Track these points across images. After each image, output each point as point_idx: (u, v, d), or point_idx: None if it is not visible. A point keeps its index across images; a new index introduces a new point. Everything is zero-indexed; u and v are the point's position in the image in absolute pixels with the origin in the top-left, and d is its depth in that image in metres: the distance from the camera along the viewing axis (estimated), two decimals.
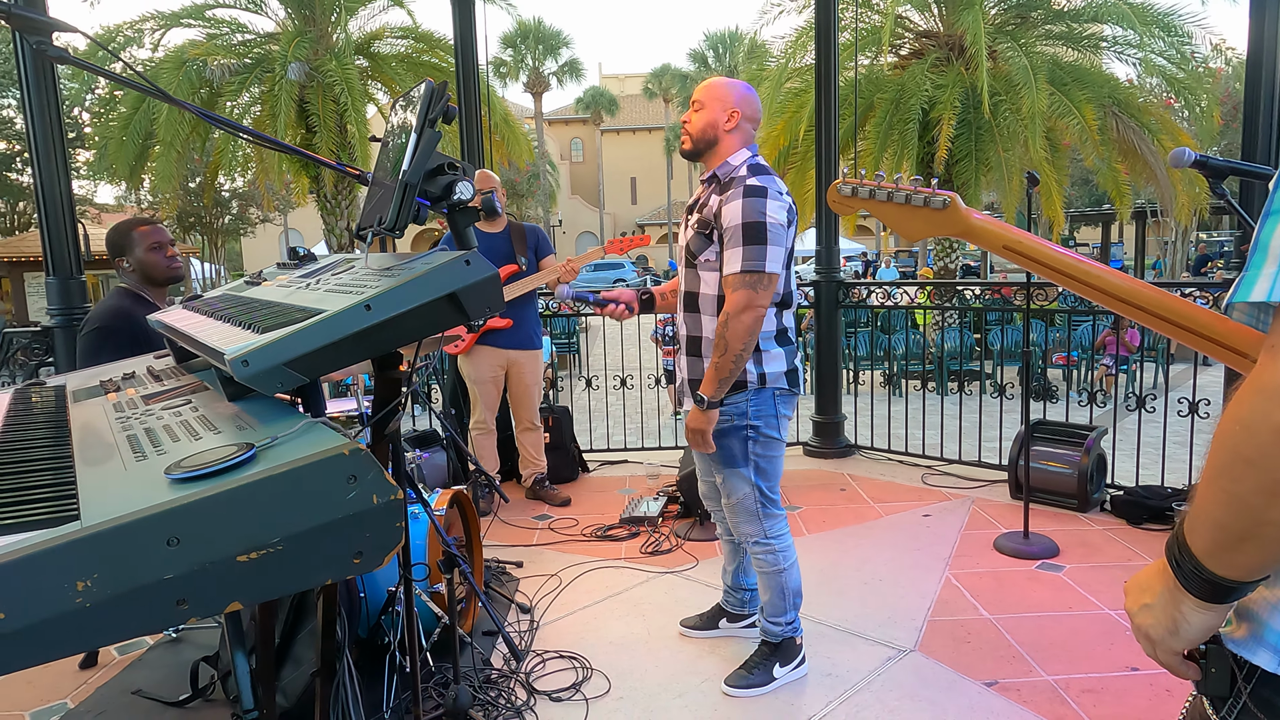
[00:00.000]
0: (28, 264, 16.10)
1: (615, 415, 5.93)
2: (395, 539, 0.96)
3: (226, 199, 24.76)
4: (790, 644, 2.54)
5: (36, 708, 2.52)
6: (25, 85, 3.31)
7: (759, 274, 2.25)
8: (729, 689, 2.48)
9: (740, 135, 2.40)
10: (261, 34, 12.24)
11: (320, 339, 1.10)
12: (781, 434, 2.46)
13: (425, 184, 1.35)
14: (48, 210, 3.39)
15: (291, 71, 10.06)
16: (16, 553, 0.77)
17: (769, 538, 2.50)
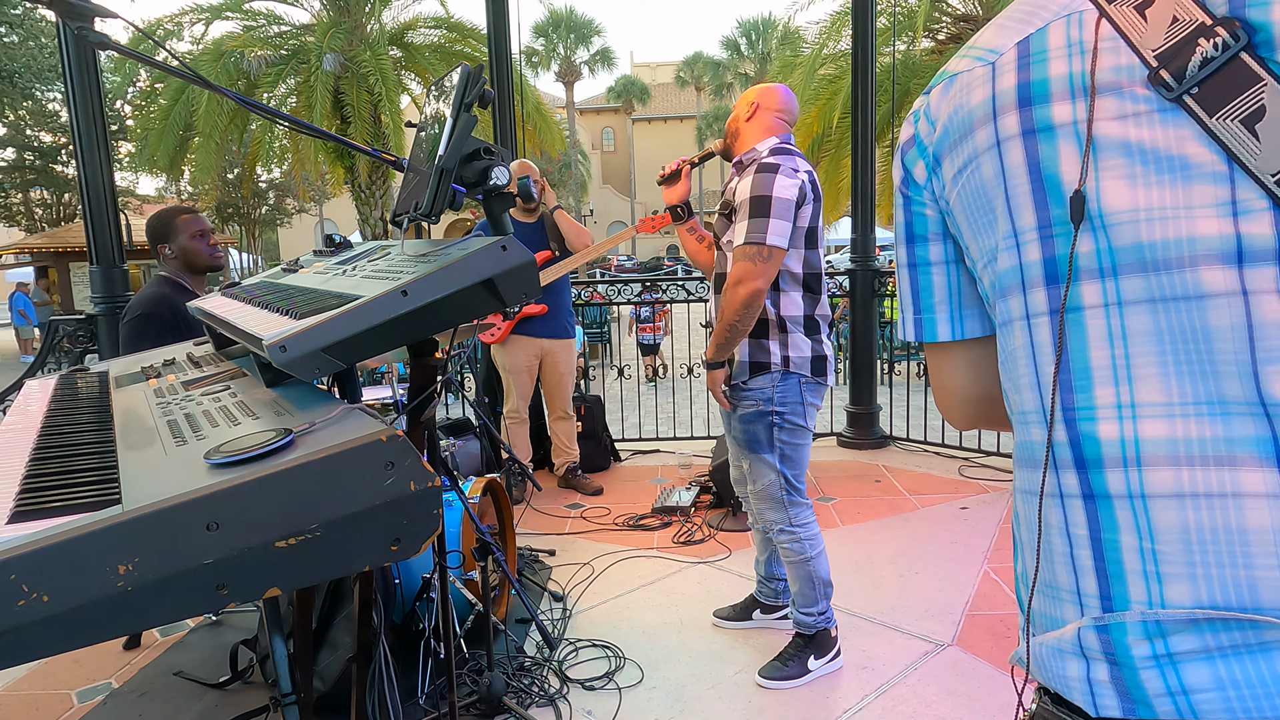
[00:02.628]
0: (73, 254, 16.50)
1: (647, 404, 5.92)
2: (432, 526, 0.95)
3: (264, 190, 25.13)
4: (825, 636, 2.52)
5: (82, 686, 2.57)
6: (69, 77, 3.36)
7: (759, 246, 2.27)
8: (763, 680, 2.47)
9: (759, 125, 2.44)
10: (297, 25, 12.37)
11: (357, 325, 1.09)
12: (808, 422, 2.44)
13: (461, 169, 1.34)
14: (91, 201, 3.45)
15: (327, 62, 10.15)
16: (60, 536, 0.77)
17: (793, 525, 2.48)
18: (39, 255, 18.57)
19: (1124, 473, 0.64)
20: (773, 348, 2.38)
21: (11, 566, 0.74)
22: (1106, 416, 0.65)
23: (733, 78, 39.69)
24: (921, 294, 0.84)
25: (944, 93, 0.78)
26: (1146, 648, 0.62)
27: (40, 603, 0.75)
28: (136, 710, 2.43)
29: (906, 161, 0.83)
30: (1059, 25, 0.68)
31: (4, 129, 18.78)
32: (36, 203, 22.55)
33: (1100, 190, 0.65)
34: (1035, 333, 0.70)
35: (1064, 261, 0.67)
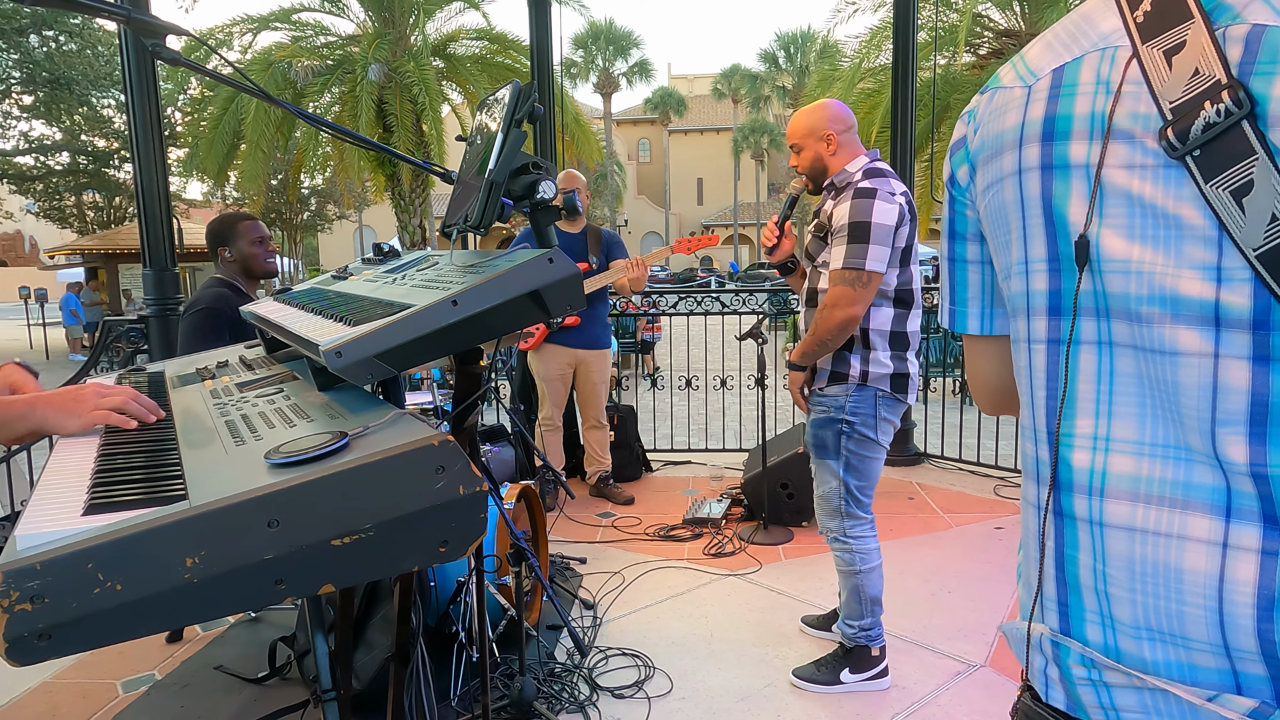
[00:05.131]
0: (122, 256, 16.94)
1: (679, 415, 5.93)
2: (479, 530, 0.98)
3: (306, 196, 25.63)
4: (863, 652, 2.51)
5: (127, 677, 2.65)
6: (129, 86, 3.48)
7: (858, 272, 2.30)
8: (793, 678, 2.52)
9: (846, 149, 2.46)
10: (343, 36, 12.64)
11: (409, 333, 1.13)
12: (879, 437, 2.44)
13: (509, 183, 1.38)
14: (146, 206, 3.57)
15: (372, 73, 10.36)
16: (133, 529, 0.81)
17: (847, 536, 2.49)
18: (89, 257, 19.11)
19: (1088, 499, 0.70)
20: (853, 360, 2.40)
21: (89, 556, 0.78)
22: (1082, 445, 0.71)
23: (770, 90, 39.70)
24: (957, 288, 0.89)
25: (989, 102, 0.80)
26: (1084, 672, 0.71)
27: (114, 591, 0.79)
28: (178, 702, 2.49)
29: (954, 161, 0.86)
30: (1093, 59, 0.69)
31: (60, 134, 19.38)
32: (89, 205, 23.23)
33: (1100, 236, 0.67)
34: (1033, 357, 0.75)
35: (1066, 296, 0.71)
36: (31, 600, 0.75)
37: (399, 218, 12.89)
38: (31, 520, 0.86)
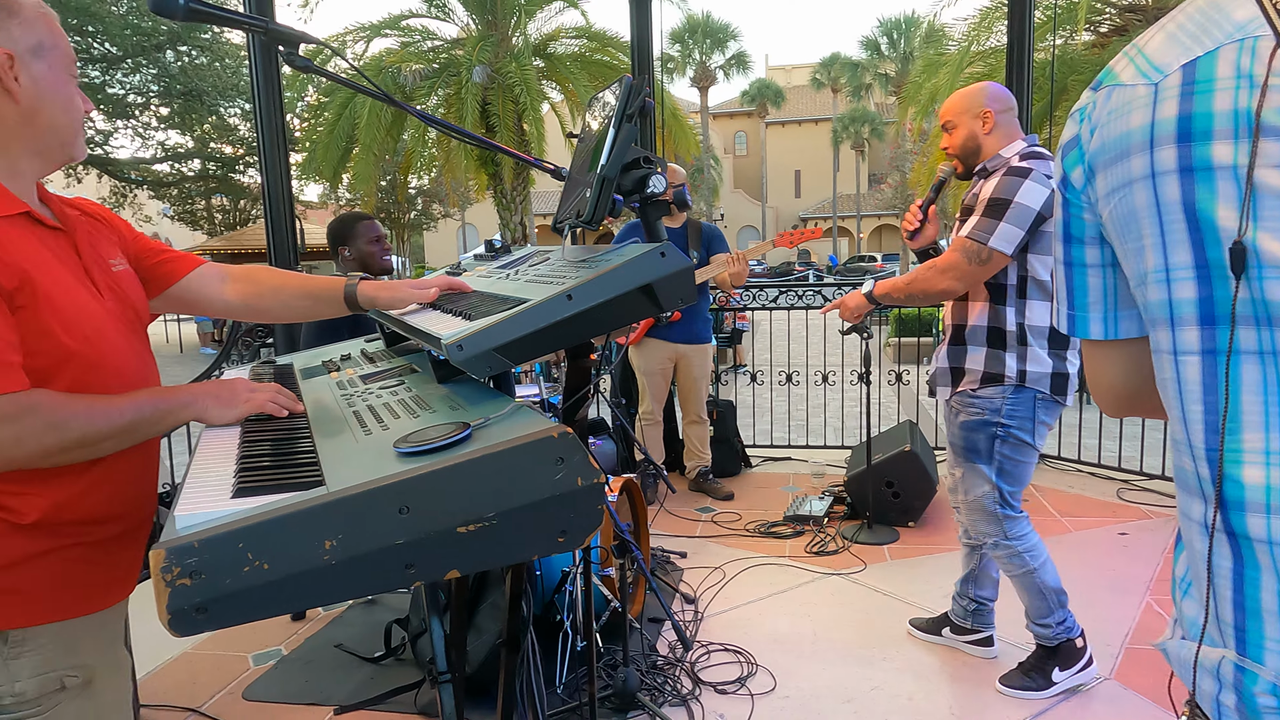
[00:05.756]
0: (246, 256, 18.02)
1: (779, 411, 5.86)
2: (596, 521, 0.99)
3: (413, 196, 26.60)
4: (1070, 646, 2.41)
5: (256, 651, 2.82)
6: (256, 96, 3.69)
7: (980, 245, 2.20)
8: (1002, 688, 2.42)
9: (1003, 131, 2.34)
10: (448, 40, 13.03)
11: (526, 326, 1.15)
12: (1035, 441, 2.34)
13: (619, 177, 1.39)
14: (272, 208, 3.78)
15: (476, 74, 10.65)
16: (278, 511, 0.86)
17: (1009, 539, 2.39)
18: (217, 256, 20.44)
19: (1265, 518, 0.65)
20: (1009, 360, 2.28)
21: (240, 536, 0.83)
22: (1253, 461, 0.66)
23: (871, 78, 38.65)
24: (1076, 292, 0.85)
25: (1106, 100, 0.75)
26: (1271, 700, 0.66)
27: (261, 570, 0.84)
28: (303, 676, 2.63)
29: (1066, 163, 0.81)
30: (1230, 51, 0.64)
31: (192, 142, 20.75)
32: (217, 209, 24.82)
33: (1257, 240, 0.62)
34: (1183, 369, 0.70)
35: (1221, 304, 0.66)
36: (190, 576, 0.81)
37: (500, 215, 13.21)
38: (188, 501, 0.92)
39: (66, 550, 1.16)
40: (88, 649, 1.19)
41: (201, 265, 1.49)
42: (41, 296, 1.12)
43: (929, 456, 4.02)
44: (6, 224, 1.13)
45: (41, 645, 1.14)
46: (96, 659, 1.20)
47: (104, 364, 1.19)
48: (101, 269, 1.28)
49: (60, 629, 1.15)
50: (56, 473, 1.13)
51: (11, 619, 1.11)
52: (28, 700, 1.13)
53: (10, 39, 1.13)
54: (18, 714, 1.12)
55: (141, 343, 1.33)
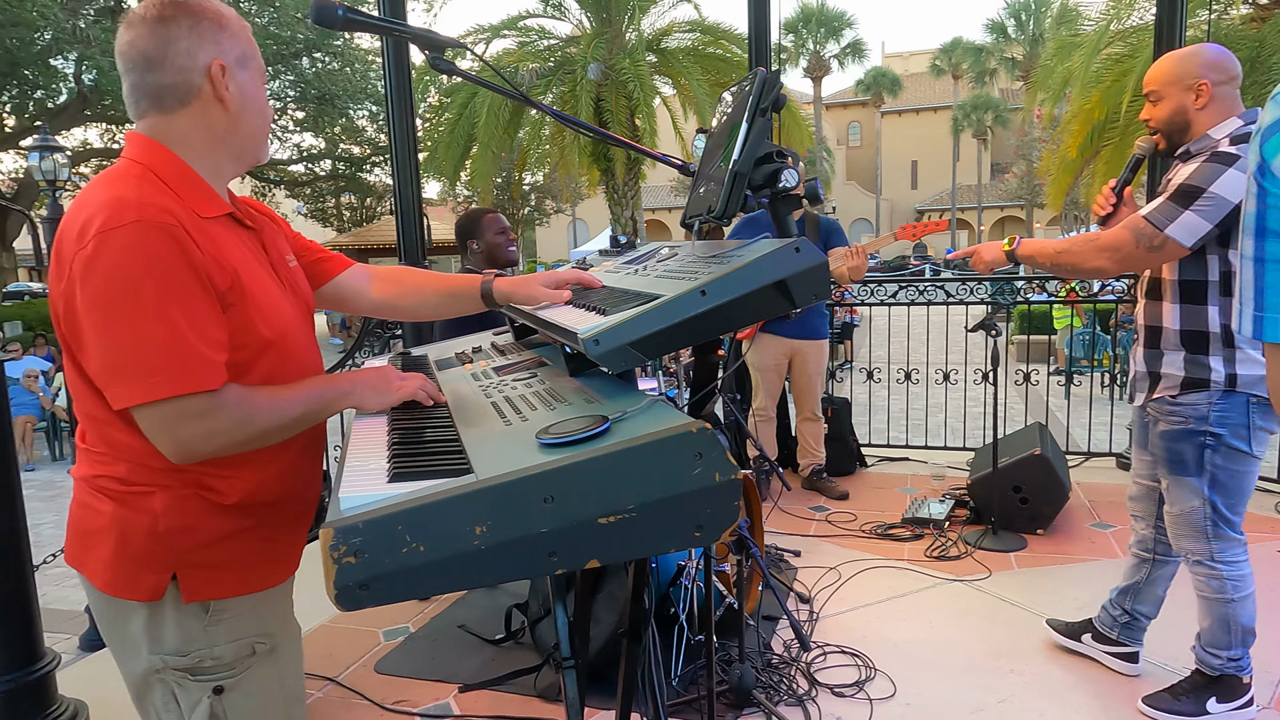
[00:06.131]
0: (373, 251, 18.92)
1: (896, 409, 5.70)
2: (733, 517, 0.99)
3: (527, 192, 27.28)
4: (1234, 681, 2.22)
5: (387, 627, 2.97)
6: (390, 99, 3.87)
7: (1155, 231, 2.01)
8: (1145, 708, 2.27)
9: (1218, 106, 2.08)
10: (563, 38, 13.28)
11: (661, 322, 1.16)
12: (1253, 449, 2.11)
13: (751, 172, 1.38)
14: (402, 205, 3.96)
15: (591, 71, 10.81)
16: (431, 497, 0.90)
17: (1215, 561, 2.19)
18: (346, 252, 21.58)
19: None
20: (1214, 364, 2.08)
21: (399, 519, 0.88)
22: None
23: (996, 63, 36.89)
24: (1267, 291, 0.79)
25: None
26: None
27: (418, 551, 0.88)
28: (429, 654, 2.76)
29: (1266, 150, 0.75)
30: None
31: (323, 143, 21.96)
32: (345, 206, 26.22)
33: None
34: None
35: None
36: (355, 554, 0.86)
37: (612, 210, 13.39)
38: (349, 484, 0.98)
39: (256, 529, 1.25)
40: (271, 618, 1.30)
41: (352, 266, 1.57)
42: (246, 294, 1.19)
43: (1060, 461, 3.82)
44: (216, 225, 1.21)
45: (236, 615, 1.24)
46: (278, 627, 1.31)
47: (292, 354, 1.28)
48: (282, 265, 1.36)
49: (250, 601, 1.25)
50: (253, 458, 1.22)
51: (214, 591, 1.22)
52: (225, 663, 1.24)
53: (221, 50, 1.20)
54: (216, 675, 1.23)
55: (313, 333, 1.42)
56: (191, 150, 1.22)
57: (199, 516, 1.20)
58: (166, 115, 1.21)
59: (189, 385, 1.10)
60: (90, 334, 1.11)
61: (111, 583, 1.21)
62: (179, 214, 1.14)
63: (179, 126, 1.22)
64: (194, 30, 1.19)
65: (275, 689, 1.30)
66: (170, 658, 1.22)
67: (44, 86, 15.69)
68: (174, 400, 1.10)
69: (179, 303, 1.10)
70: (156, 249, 1.09)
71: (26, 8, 12.79)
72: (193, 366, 1.10)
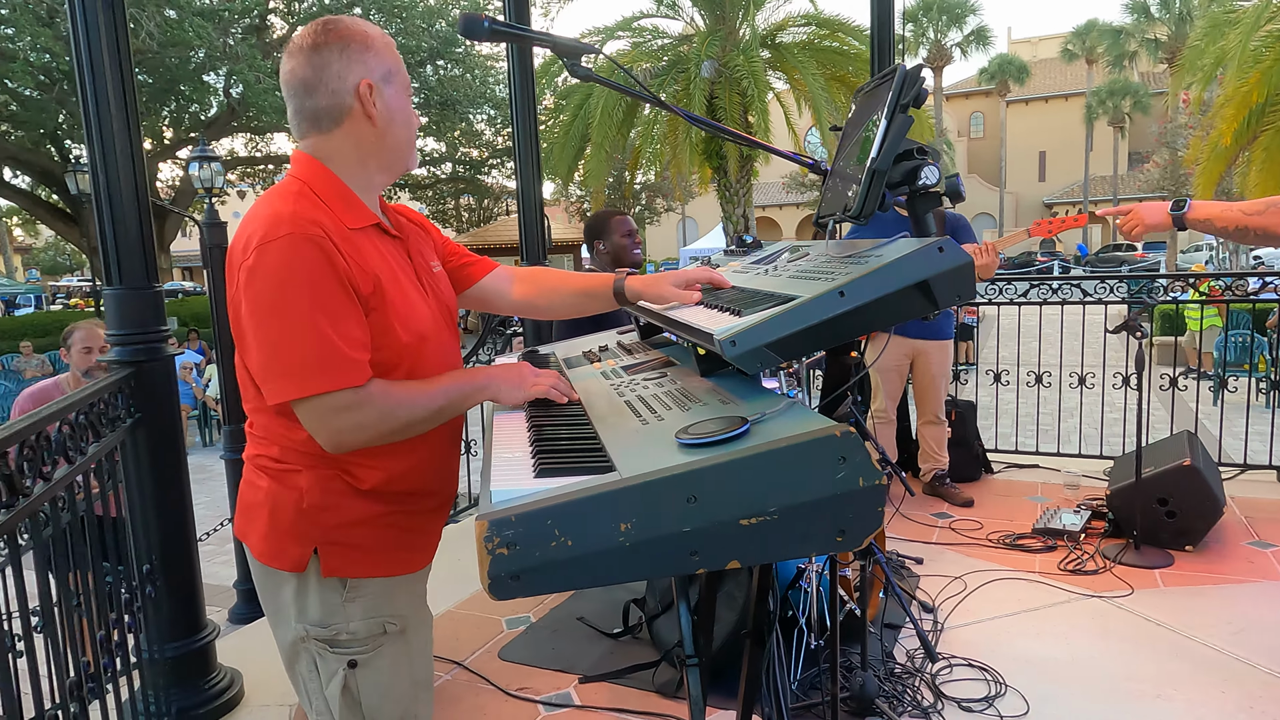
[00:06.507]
0: (491, 251, 19.54)
1: (1025, 414, 5.43)
2: (876, 522, 0.97)
3: (638, 191, 27.52)
4: None
5: (510, 615, 3.07)
6: (514, 104, 3.99)
7: None
8: None
9: None
10: (676, 37, 13.31)
11: (798, 323, 1.15)
12: None
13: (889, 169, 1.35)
14: (524, 206, 4.07)
15: (705, 69, 10.80)
16: (579, 493, 0.92)
17: None
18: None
19: None
20: None
21: (548, 513, 0.91)
22: None
23: (1137, 45, 34.47)
24: None
25: None
26: None
27: (565, 546, 0.91)
28: (550, 644, 2.83)
29: None
30: None
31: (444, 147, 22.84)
32: (464, 208, 27.19)
33: None
34: None
35: None
36: (507, 546, 0.90)
37: (723, 207, 13.33)
38: (499, 478, 1.02)
39: (394, 517, 1.33)
40: (402, 603, 1.37)
41: (495, 269, 1.64)
42: (387, 299, 1.27)
43: (1214, 473, 3.54)
44: (361, 235, 1.29)
45: (370, 594, 1.33)
46: (409, 612, 1.38)
47: (430, 356, 1.35)
48: (426, 271, 1.44)
49: (384, 584, 1.34)
50: (394, 449, 1.30)
51: (351, 569, 1.31)
52: (359, 639, 1.32)
53: (368, 70, 1.28)
54: (351, 650, 1.32)
55: (453, 335, 1.49)
56: (345, 166, 1.32)
57: (339, 497, 1.29)
58: (323, 135, 1.31)
59: (334, 382, 1.19)
60: (251, 335, 1.22)
61: (265, 552, 1.33)
62: (328, 226, 1.22)
63: (334, 145, 1.31)
64: (343, 53, 1.27)
65: (404, 670, 1.38)
66: (313, 628, 1.32)
67: (198, 100, 17.00)
68: (322, 396, 1.19)
69: (325, 307, 1.19)
70: (305, 259, 1.18)
71: (184, 29, 13.89)
72: (337, 364, 1.19)
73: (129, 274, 2.24)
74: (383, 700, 1.35)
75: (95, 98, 2.15)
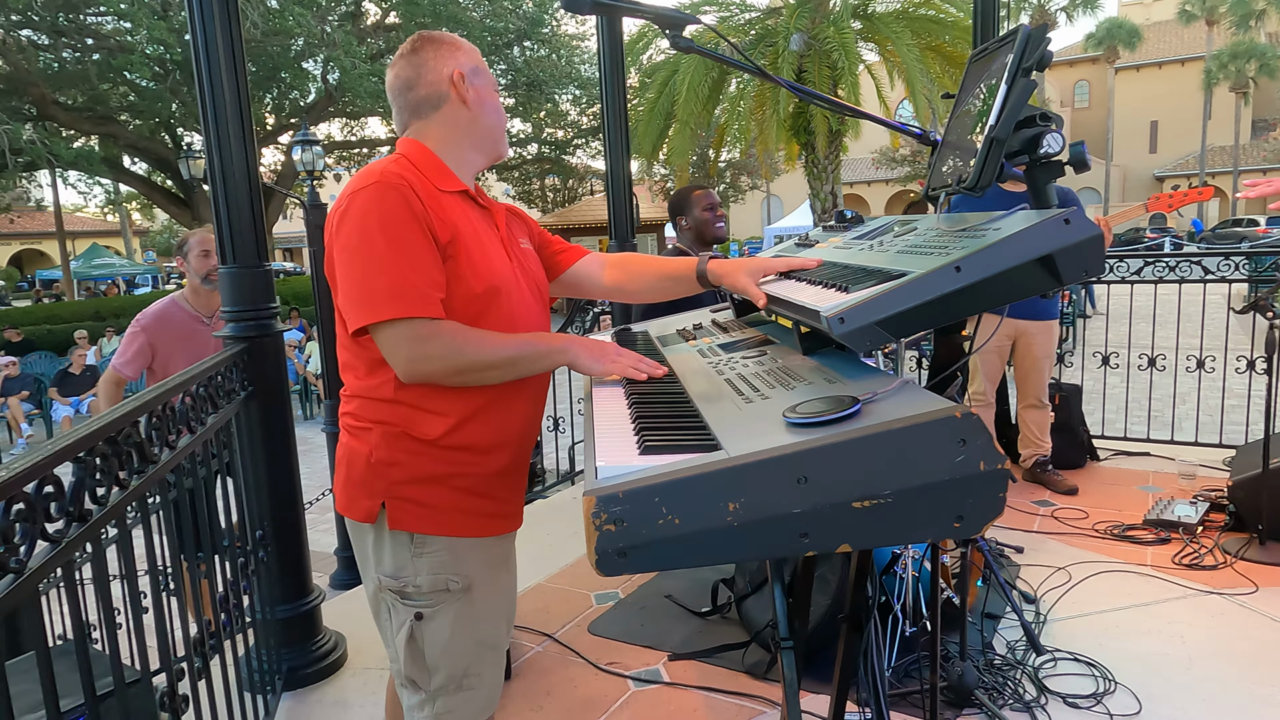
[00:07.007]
0: (575, 230, 19.71)
1: (1135, 399, 5.14)
2: (997, 509, 0.92)
3: (722, 169, 27.23)
4: None
5: (599, 591, 3.11)
6: (603, 82, 3.98)
7: None
8: None
9: None
10: (763, 10, 13.03)
11: (911, 299, 1.10)
12: None
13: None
14: (613, 183, 4.07)
15: (793, 43, 10.55)
16: (686, 471, 0.91)
17: None
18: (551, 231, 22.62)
19: None
20: None
21: (655, 491, 0.90)
22: None
23: (1266, 3, 31.92)
24: None
25: None
26: None
27: (673, 524, 0.90)
28: (639, 620, 2.85)
29: None
30: None
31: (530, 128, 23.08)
32: (550, 188, 27.47)
33: None
34: None
35: None
36: (615, 523, 0.89)
37: (811, 185, 13.03)
38: (604, 454, 1.01)
39: (461, 480, 1.41)
40: (470, 564, 1.43)
41: (587, 255, 1.73)
42: (463, 252, 1.37)
43: None
44: (448, 197, 1.41)
45: (437, 552, 1.40)
46: (476, 574, 1.44)
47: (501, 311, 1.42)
48: (513, 243, 1.55)
49: (452, 543, 1.41)
50: (455, 396, 1.37)
51: (416, 524, 1.39)
52: (424, 593, 1.40)
53: (459, 63, 1.47)
54: (417, 603, 1.41)
55: (541, 307, 1.56)
56: (442, 144, 1.47)
57: (405, 454, 1.38)
58: (424, 121, 1.48)
59: (408, 309, 1.29)
60: (340, 273, 1.36)
61: (342, 504, 1.45)
62: (415, 183, 1.35)
63: (433, 128, 1.47)
64: (437, 52, 1.47)
65: (468, 628, 1.44)
66: (386, 578, 1.42)
67: (297, 87, 17.65)
68: (397, 322, 1.30)
69: (402, 245, 1.31)
70: (387, 202, 1.31)
71: (285, 18, 14.41)
72: (411, 295, 1.30)
73: (242, 253, 2.34)
74: (443, 655, 1.42)
75: (211, 86, 2.24)
